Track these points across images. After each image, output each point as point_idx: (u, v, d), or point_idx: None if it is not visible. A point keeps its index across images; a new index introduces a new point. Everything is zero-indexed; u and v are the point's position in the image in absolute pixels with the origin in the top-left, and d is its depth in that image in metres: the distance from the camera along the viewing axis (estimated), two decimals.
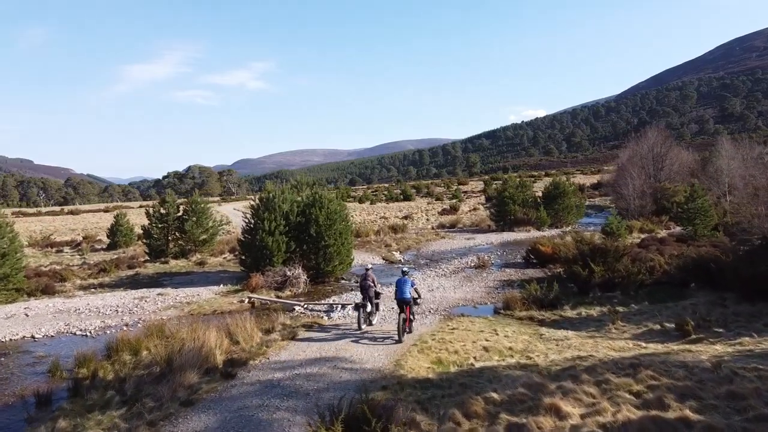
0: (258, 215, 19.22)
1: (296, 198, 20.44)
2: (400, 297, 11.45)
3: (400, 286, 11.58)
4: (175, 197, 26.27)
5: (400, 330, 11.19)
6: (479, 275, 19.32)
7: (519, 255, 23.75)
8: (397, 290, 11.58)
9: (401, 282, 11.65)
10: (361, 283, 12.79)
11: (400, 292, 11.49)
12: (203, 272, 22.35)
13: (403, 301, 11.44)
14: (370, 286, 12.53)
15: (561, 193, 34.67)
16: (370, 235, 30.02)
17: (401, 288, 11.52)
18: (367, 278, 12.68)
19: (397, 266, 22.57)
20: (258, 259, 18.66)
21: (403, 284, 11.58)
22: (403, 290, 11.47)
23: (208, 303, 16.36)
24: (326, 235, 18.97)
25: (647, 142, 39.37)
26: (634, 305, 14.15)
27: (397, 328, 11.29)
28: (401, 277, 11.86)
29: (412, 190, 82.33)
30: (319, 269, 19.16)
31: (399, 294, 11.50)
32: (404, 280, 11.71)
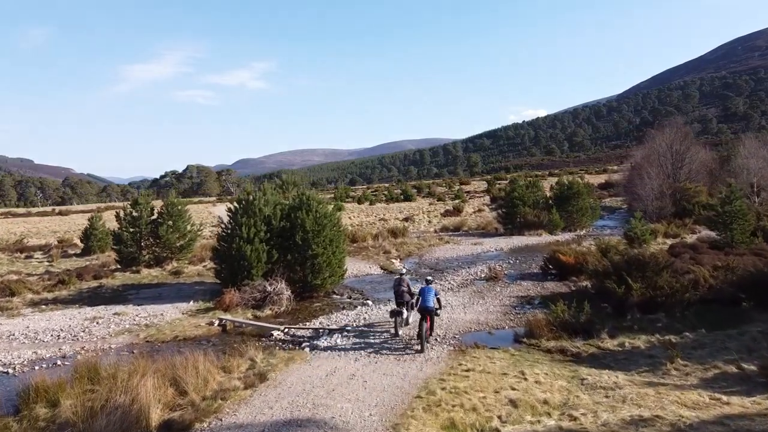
0: (235, 220, 16.58)
1: (281, 200, 17.80)
2: (424, 306, 11.41)
3: (423, 294, 11.57)
4: (148, 198, 23.58)
5: (423, 339, 11.09)
6: (492, 289, 16.65)
7: (534, 264, 21.08)
8: (421, 299, 11.59)
9: (425, 291, 11.62)
10: (396, 288, 12.70)
11: (423, 301, 11.48)
12: (177, 284, 19.69)
13: (426, 310, 11.37)
14: (404, 291, 12.54)
15: (575, 193, 32.01)
16: (368, 239, 27.36)
17: (425, 297, 11.51)
18: (401, 283, 12.62)
19: (397, 276, 19.94)
20: (235, 270, 16.01)
21: (426, 293, 11.55)
22: (426, 299, 11.47)
23: (171, 326, 13.69)
24: (314, 243, 16.31)
25: (665, 139, 36.70)
26: (688, 333, 11.45)
27: (419, 337, 11.17)
28: (425, 286, 11.83)
29: (413, 190, 79.67)
30: (306, 283, 16.51)
31: (422, 303, 11.48)
32: (428, 289, 11.66)
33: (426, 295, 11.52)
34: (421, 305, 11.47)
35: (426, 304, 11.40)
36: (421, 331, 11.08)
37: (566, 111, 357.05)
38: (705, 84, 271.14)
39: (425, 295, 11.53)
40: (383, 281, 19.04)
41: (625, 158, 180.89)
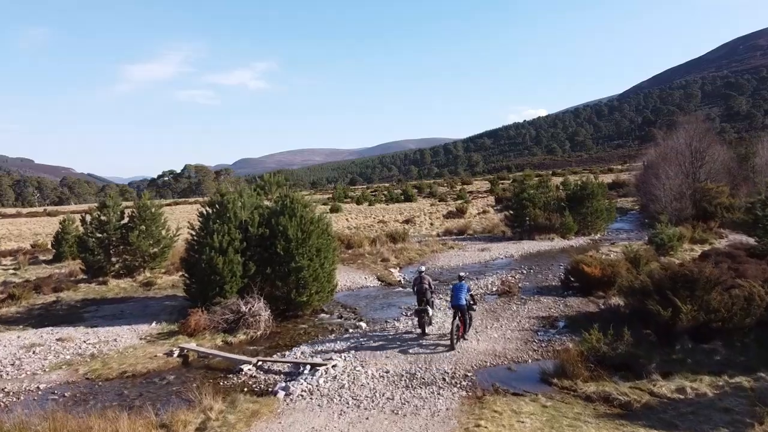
0: (206, 226, 14.17)
1: (261, 203, 15.39)
2: (456, 303, 11.35)
3: (456, 291, 11.52)
4: (119, 200, 21.12)
5: (453, 336, 11.17)
6: (506, 307, 14.23)
7: (551, 274, 18.67)
8: (453, 296, 11.54)
9: (457, 288, 11.58)
10: (417, 287, 12.41)
11: (455, 298, 11.41)
12: (145, 298, 17.29)
13: (458, 308, 11.34)
14: (426, 289, 12.32)
15: (589, 194, 29.56)
16: (364, 245, 24.92)
17: (457, 294, 11.46)
18: (423, 281, 12.39)
19: (396, 289, 17.54)
20: (205, 286, 13.61)
21: (458, 290, 11.51)
22: (458, 296, 11.40)
23: (121, 357, 11.29)
24: (298, 254, 13.90)
25: (685, 135, 34.23)
26: (764, 374, 9.07)
27: (450, 334, 11.28)
28: (457, 283, 11.82)
29: (413, 190, 77.25)
30: (288, 300, 14.09)
31: (454, 300, 11.42)
32: (460, 286, 11.64)
33: (458, 292, 11.42)
34: (453, 302, 11.39)
35: (458, 302, 11.27)
36: (452, 329, 11.16)
37: (567, 110, 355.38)
38: (707, 83, 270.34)
39: (457, 292, 11.42)
40: (380, 296, 16.63)
41: (629, 158, 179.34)
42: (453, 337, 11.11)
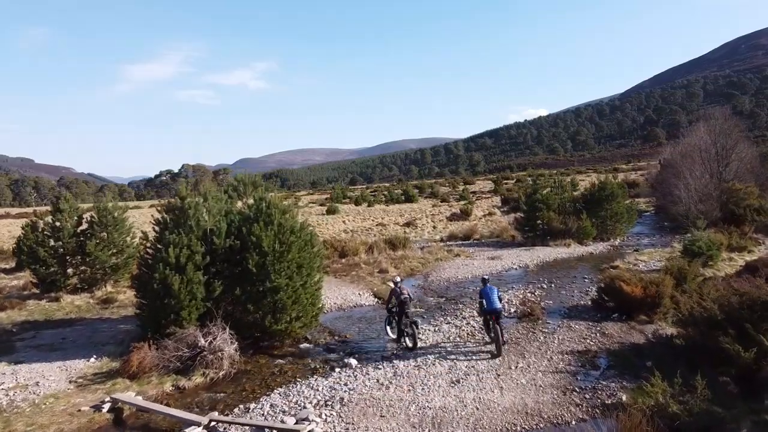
0: (161, 237, 11.50)
1: (232, 208, 12.71)
2: (492, 307, 10.56)
3: (488, 295, 10.74)
4: (75, 203, 18.39)
5: (499, 343, 10.37)
6: (532, 337, 11.54)
7: (576, 289, 16.00)
8: (486, 300, 10.69)
9: (488, 291, 10.83)
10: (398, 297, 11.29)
11: (489, 302, 10.62)
12: (98, 319, 14.62)
13: (494, 312, 10.54)
14: (407, 299, 11.34)
15: (608, 195, 26.85)
16: (360, 253, 22.22)
17: (490, 297, 10.69)
18: (403, 291, 11.41)
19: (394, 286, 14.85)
20: (156, 312, 10.94)
21: (490, 293, 10.78)
22: (492, 299, 10.64)
23: (35, 412, 8.61)
24: (275, 271, 11.23)
25: (710, 131, 31.54)
26: None
27: (496, 341, 10.45)
28: (485, 287, 11.05)
29: (414, 191, 74.55)
30: (262, 329, 11.42)
31: (490, 304, 10.60)
32: (490, 289, 10.95)
33: (491, 296, 10.74)
34: (488, 307, 10.64)
35: (494, 306, 10.62)
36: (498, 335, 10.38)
37: (568, 110, 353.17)
38: (709, 83, 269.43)
39: (490, 296, 10.73)
40: (376, 318, 13.93)
41: (633, 157, 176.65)
42: (499, 343, 10.34)
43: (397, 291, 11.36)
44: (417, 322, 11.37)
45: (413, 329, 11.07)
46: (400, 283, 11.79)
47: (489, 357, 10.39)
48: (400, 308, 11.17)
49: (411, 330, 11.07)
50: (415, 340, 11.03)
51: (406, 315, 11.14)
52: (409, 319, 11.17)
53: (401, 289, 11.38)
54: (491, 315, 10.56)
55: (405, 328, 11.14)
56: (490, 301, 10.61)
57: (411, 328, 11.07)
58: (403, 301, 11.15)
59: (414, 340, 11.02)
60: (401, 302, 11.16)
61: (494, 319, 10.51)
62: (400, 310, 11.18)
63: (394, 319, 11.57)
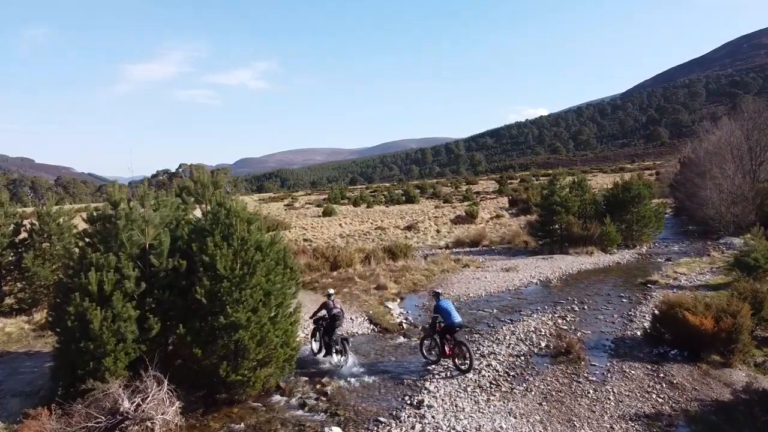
0: (82, 258, 8.61)
1: (182, 216, 9.81)
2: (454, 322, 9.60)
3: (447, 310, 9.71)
4: (12, 207, 15.40)
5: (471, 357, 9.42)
6: (578, 390, 8.64)
7: (615, 312, 13.11)
8: (445, 316, 9.67)
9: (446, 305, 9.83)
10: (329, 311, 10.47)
11: (450, 317, 9.62)
12: (25, 354, 11.71)
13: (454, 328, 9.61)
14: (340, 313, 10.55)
15: (634, 197, 23.94)
16: (355, 263, 19.30)
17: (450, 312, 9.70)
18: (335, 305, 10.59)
19: (397, 340, 11.97)
20: (70, 359, 8.07)
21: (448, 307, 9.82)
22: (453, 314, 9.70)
23: None
24: (232, 301, 8.35)
25: (744, 126, 28.64)
26: None
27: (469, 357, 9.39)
28: (439, 301, 10.02)
29: (415, 191, 71.68)
30: (217, 379, 8.53)
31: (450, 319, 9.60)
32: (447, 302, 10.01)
33: (450, 310, 9.77)
34: (448, 322, 9.60)
35: (455, 320, 9.63)
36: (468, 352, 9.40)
37: (569, 110, 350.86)
38: (711, 82, 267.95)
39: (449, 311, 9.74)
40: (371, 354, 11.03)
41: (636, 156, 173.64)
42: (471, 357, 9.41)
43: (330, 304, 10.66)
44: (348, 339, 10.58)
45: (344, 345, 10.36)
46: (333, 296, 11.06)
47: (518, 410, 7.52)
48: (331, 322, 10.47)
49: (342, 346, 10.39)
50: (347, 355, 10.29)
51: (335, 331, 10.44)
52: (340, 335, 10.50)
53: (334, 302, 10.72)
54: (448, 332, 9.66)
55: (335, 345, 10.42)
56: (450, 317, 9.69)
57: (342, 345, 10.39)
58: (335, 315, 10.47)
59: (345, 356, 10.28)
60: (333, 317, 10.48)
61: (452, 336, 9.66)
62: (331, 324, 10.47)
63: (319, 332, 10.88)
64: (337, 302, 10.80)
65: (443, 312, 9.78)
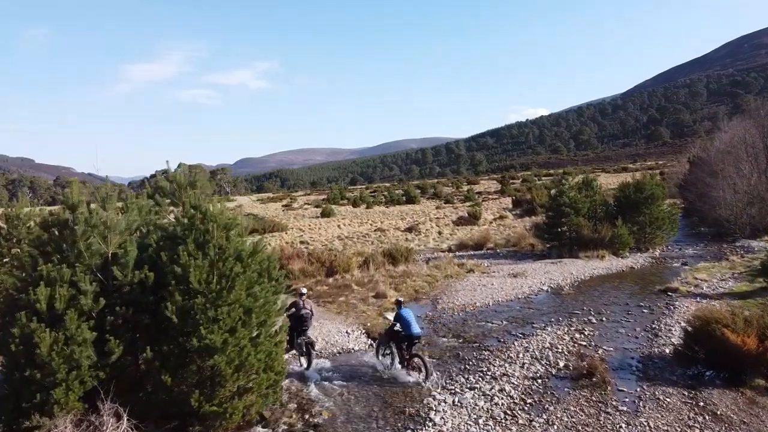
0: (30, 270, 7.43)
1: (150, 219, 8.64)
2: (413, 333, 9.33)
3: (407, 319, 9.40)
4: None
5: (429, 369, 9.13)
6: (607, 422, 7.47)
7: (637, 325, 11.92)
8: (404, 325, 9.37)
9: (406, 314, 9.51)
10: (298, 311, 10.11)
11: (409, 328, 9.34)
12: None
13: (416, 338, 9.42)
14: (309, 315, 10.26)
15: (647, 197, 22.77)
16: (352, 268, 18.11)
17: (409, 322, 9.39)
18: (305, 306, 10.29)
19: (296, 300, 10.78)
20: (16, 390, 6.90)
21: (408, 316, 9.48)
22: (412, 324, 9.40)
23: None
24: (207, 321, 7.18)
25: (759, 124, 27.47)
26: None
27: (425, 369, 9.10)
28: (400, 309, 9.69)
29: (416, 191, 70.54)
30: (189, 410, 7.35)
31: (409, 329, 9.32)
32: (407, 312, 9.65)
33: (410, 320, 9.41)
34: (407, 333, 9.31)
35: (414, 331, 9.35)
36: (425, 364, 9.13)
37: (570, 110, 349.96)
38: (712, 81, 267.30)
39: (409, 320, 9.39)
40: (368, 375, 9.83)
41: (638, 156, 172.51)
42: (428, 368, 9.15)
43: (300, 303, 10.36)
44: (313, 343, 10.33)
45: (309, 350, 10.12)
46: (305, 296, 10.77)
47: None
48: (298, 323, 10.10)
49: (306, 350, 10.13)
50: (310, 360, 10.11)
51: (303, 333, 10.10)
52: (305, 339, 10.14)
53: (304, 303, 10.42)
54: (406, 342, 9.41)
55: (299, 348, 10.11)
56: (410, 327, 9.38)
57: (306, 349, 10.12)
58: (302, 316, 10.14)
59: (309, 361, 10.10)
60: (300, 317, 10.13)
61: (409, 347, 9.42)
62: (298, 325, 10.08)
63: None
64: (307, 303, 10.48)
65: (403, 321, 9.46)
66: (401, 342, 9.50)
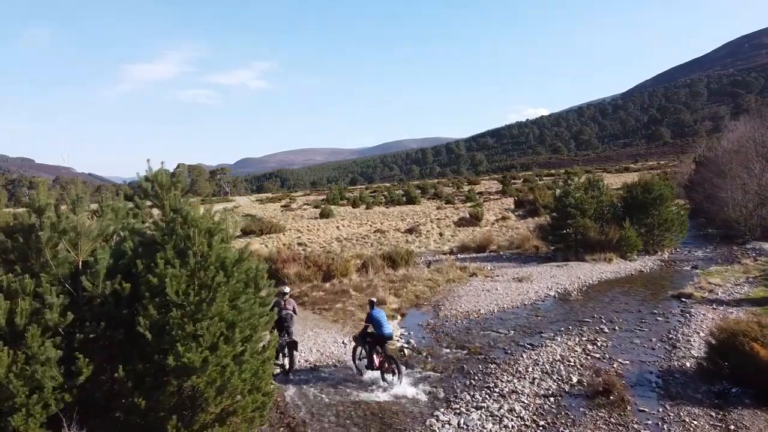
0: None
1: (129, 224, 7.92)
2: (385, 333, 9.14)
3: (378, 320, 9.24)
4: None
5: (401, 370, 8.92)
6: None
7: (651, 333, 11.20)
8: (376, 326, 9.22)
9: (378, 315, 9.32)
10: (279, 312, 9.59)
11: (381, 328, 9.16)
12: None
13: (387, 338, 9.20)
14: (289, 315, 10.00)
15: (655, 198, 22.04)
16: (350, 272, 17.39)
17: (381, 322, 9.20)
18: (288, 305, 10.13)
19: (278, 298, 10.07)
20: None
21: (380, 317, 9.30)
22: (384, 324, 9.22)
23: None
24: (185, 337, 6.46)
25: None
26: None
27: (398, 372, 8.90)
28: (372, 309, 9.50)
29: (416, 191, 69.80)
30: None
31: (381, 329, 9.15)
32: (379, 312, 9.46)
33: (381, 321, 9.26)
34: (378, 333, 9.16)
35: (386, 331, 9.20)
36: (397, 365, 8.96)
37: (570, 110, 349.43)
38: (712, 81, 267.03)
39: (380, 321, 9.23)
40: (361, 398, 9.12)
41: (639, 156, 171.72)
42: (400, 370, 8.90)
43: (281, 303, 10.01)
44: (296, 343, 9.94)
45: (291, 351, 9.82)
46: (287, 295, 10.52)
47: None
48: (280, 323, 9.73)
49: (288, 351, 9.81)
50: (293, 361, 9.86)
51: (286, 333, 9.81)
52: (288, 339, 9.81)
53: (286, 303, 10.14)
54: (378, 342, 9.24)
55: (281, 350, 9.70)
56: (381, 327, 9.24)
57: (289, 349, 9.81)
58: (283, 317, 9.83)
59: (291, 362, 9.83)
60: (280, 318, 9.73)
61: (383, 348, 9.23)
62: (280, 325, 9.74)
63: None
64: (289, 303, 10.25)
65: (374, 322, 9.32)
66: (375, 343, 9.35)
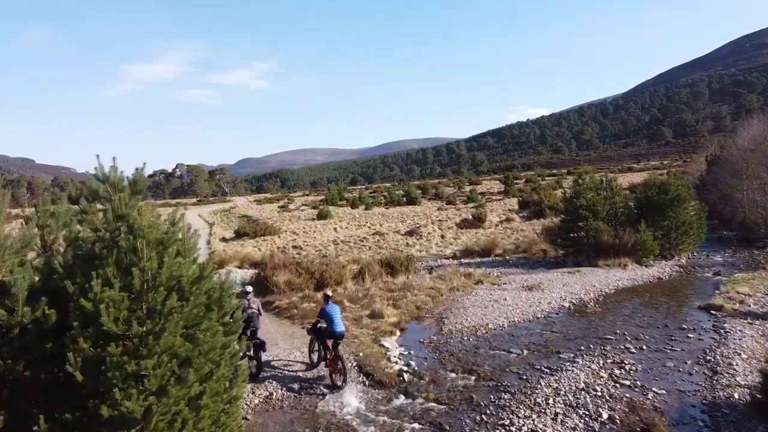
0: None
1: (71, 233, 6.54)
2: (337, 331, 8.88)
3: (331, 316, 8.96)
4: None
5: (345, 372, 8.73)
6: None
7: (686, 354, 9.81)
8: (329, 322, 8.93)
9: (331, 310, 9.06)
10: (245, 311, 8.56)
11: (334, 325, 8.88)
12: None
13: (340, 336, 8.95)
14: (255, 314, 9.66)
15: (672, 199, 20.64)
16: (346, 281, 15.98)
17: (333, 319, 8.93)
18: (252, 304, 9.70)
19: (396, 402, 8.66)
20: None
21: (333, 313, 9.03)
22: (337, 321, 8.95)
23: None
24: (126, 379, 5.08)
25: None
26: None
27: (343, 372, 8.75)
28: (327, 304, 9.21)
29: (417, 192, 68.39)
30: None
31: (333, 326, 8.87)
32: (333, 307, 9.18)
33: (334, 317, 8.95)
34: (329, 329, 8.89)
35: (339, 329, 8.91)
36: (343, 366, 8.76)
37: (571, 109, 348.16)
38: (714, 81, 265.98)
39: (333, 317, 8.93)
40: (363, 427, 7.74)
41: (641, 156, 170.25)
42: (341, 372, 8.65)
43: (245, 303, 9.41)
44: (264, 344, 9.59)
45: (258, 354, 9.43)
46: (250, 294, 10.11)
47: None
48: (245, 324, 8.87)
49: (255, 352, 9.40)
50: (260, 364, 9.47)
51: (252, 334, 9.36)
52: (255, 340, 9.42)
53: (250, 302, 9.74)
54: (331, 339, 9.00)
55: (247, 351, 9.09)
56: (332, 323, 8.95)
57: (255, 350, 9.40)
58: (249, 316, 9.28)
59: (258, 366, 9.42)
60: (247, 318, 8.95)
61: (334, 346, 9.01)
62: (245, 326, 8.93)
63: None
64: (253, 302, 9.90)
65: (327, 317, 9.04)
66: (324, 338, 9.14)
